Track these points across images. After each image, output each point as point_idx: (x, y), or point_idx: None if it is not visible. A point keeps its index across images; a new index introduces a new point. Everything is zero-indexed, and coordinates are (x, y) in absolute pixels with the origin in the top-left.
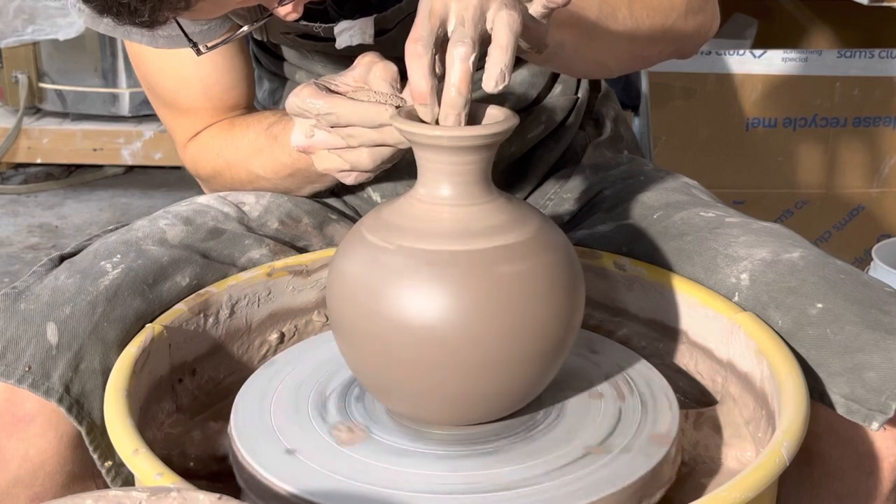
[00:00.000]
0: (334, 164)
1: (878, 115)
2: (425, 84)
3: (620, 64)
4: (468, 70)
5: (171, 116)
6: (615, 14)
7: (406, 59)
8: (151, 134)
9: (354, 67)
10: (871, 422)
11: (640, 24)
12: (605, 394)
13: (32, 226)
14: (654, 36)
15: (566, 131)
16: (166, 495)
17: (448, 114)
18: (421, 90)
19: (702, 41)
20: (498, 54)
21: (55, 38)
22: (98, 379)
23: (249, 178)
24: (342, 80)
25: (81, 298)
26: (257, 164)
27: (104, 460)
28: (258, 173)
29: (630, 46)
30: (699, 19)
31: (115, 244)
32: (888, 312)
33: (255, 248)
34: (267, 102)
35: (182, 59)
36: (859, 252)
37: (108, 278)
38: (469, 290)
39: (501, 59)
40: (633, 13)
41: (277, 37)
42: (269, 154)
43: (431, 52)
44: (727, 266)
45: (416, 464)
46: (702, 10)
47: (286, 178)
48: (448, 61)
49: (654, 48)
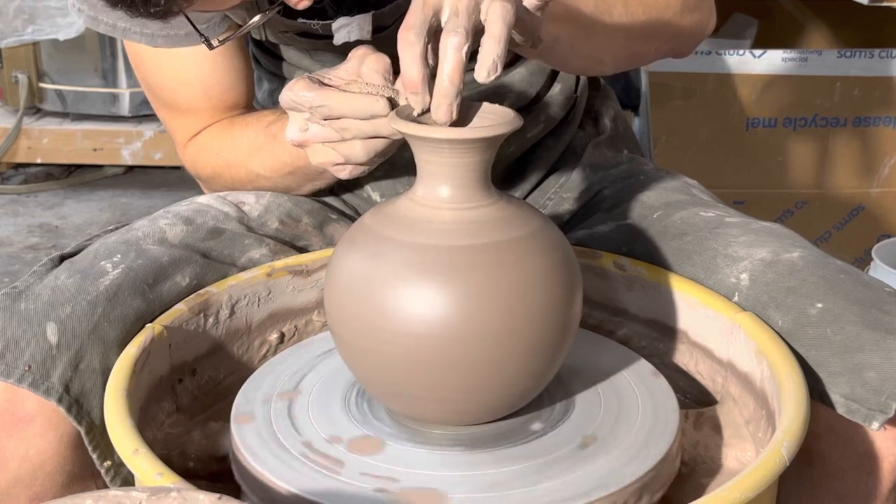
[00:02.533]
0: (328, 158)
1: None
2: (417, 72)
3: (616, 60)
4: (461, 60)
5: (170, 117)
6: (611, 9)
7: (398, 47)
8: (151, 134)
9: (348, 60)
10: (871, 421)
11: (636, 20)
12: (605, 393)
13: (32, 226)
14: (650, 32)
15: (565, 130)
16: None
17: (440, 104)
18: (412, 78)
19: (698, 40)
20: (491, 44)
21: (55, 38)
22: (98, 379)
23: (249, 177)
24: (335, 73)
25: (81, 298)
26: (257, 163)
27: (103, 460)
28: (258, 172)
29: (625, 42)
30: (695, 17)
31: (115, 244)
32: (888, 312)
33: (255, 247)
34: (266, 103)
35: (182, 59)
36: (859, 252)
37: (108, 278)
38: (468, 290)
39: (494, 50)
40: (628, 9)
41: (276, 35)
42: (268, 152)
43: (424, 41)
44: (727, 266)
45: (416, 464)
46: (698, 8)
47: (286, 175)
48: (441, 51)
49: (649, 45)
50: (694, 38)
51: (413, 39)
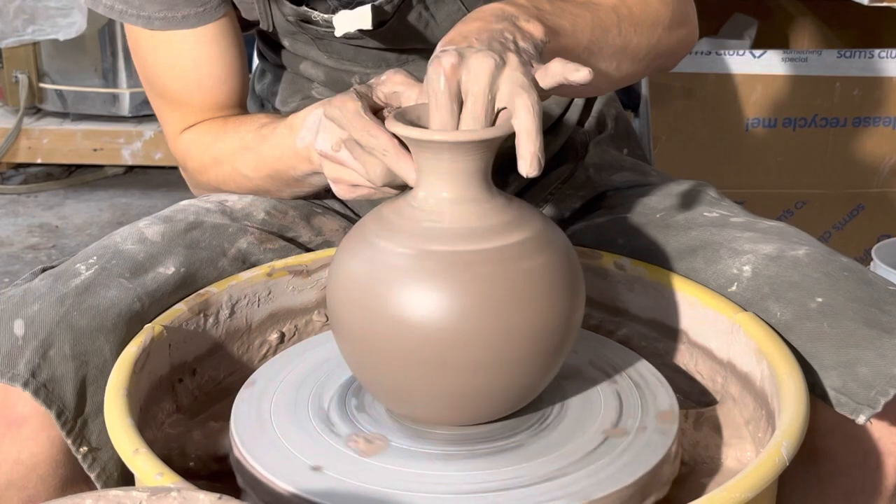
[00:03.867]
0: (344, 176)
1: (878, 115)
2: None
3: (611, 84)
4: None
5: (163, 106)
6: (606, 38)
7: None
8: (151, 134)
9: (384, 83)
10: (857, 415)
11: (629, 43)
12: (606, 394)
13: (33, 226)
14: (643, 53)
15: (563, 126)
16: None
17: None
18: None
19: (683, 54)
20: (527, 141)
21: (55, 38)
22: (69, 364)
23: (233, 175)
24: (383, 89)
25: (50, 295)
26: (241, 162)
27: (79, 446)
28: (242, 171)
29: (619, 65)
30: (682, 32)
31: (93, 249)
32: (887, 312)
33: (241, 235)
34: (266, 95)
35: (176, 47)
36: (859, 252)
37: (79, 278)
38: (469, 291)
39: (533, 144)
40: (621, 32)
41: (281, 22)
42: (254, 152)
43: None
44: (730, 258)
45: (416, 464)
46: (683, 24)
47: (266, 178)
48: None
49: (640, 65)
50: (680, 53)
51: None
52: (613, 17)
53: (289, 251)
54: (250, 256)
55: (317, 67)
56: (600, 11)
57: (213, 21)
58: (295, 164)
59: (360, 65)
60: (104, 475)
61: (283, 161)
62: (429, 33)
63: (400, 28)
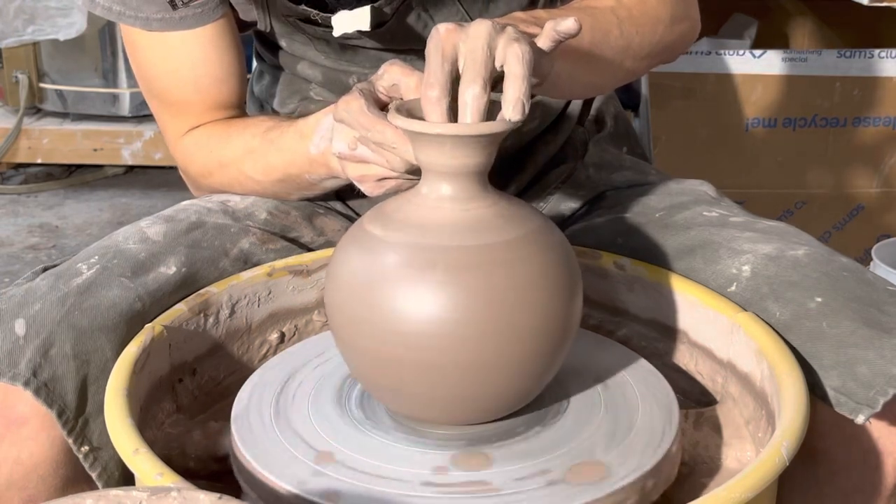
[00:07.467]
0: (370, 171)
1: (878, 115)
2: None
3: (615, 81)
4: (480, 109)
5: (162, 109)
6: (607, 38)
7: (423, 105)
8: (152, 134)
9: (382, 77)
10: (857, 414)
11: (631, 42)
12: (604, 394)
13: (33, 226)
14: (644, 52)
15: (564, 124)
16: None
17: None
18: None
19: (684, 48)
20: (514, 85)
21: (55, 38)
22: (71, 363)
23: (240, 178)
24: (383, 84)
25: (52, 295)
26: (249, 166)
27: (80, 445)
28: (250, 175)
29: (622, 64)
30: (683, 27)
31: (94, 248)
32: (886, 312)
33: (244, 236)
34: (264, 96)
35: (173, 48)
36: (859, 252)
37: (81, 278)
38: (468, 290)
39: (518, 89)
40: (623, 32)
41: (280, 21)
42: (262, 156)
43: (448, 96)
44: (729, 258)
45: (416, 463)
46: (685, 18)
47: (276, 182)
48: (460, 102)
49: (643, 63)
50: (681, 48)
51: (438, 95)
52: (613, 19)
53: (291, 252)
54: (252, 257)
55: (314, 68)
56: (598, 14)
57: (210, 22)
58: (309, 170)
59: (358, 65)
60: (105, 475)
61: (296, 166)
62: (427, 34)
63: (398, 29)
